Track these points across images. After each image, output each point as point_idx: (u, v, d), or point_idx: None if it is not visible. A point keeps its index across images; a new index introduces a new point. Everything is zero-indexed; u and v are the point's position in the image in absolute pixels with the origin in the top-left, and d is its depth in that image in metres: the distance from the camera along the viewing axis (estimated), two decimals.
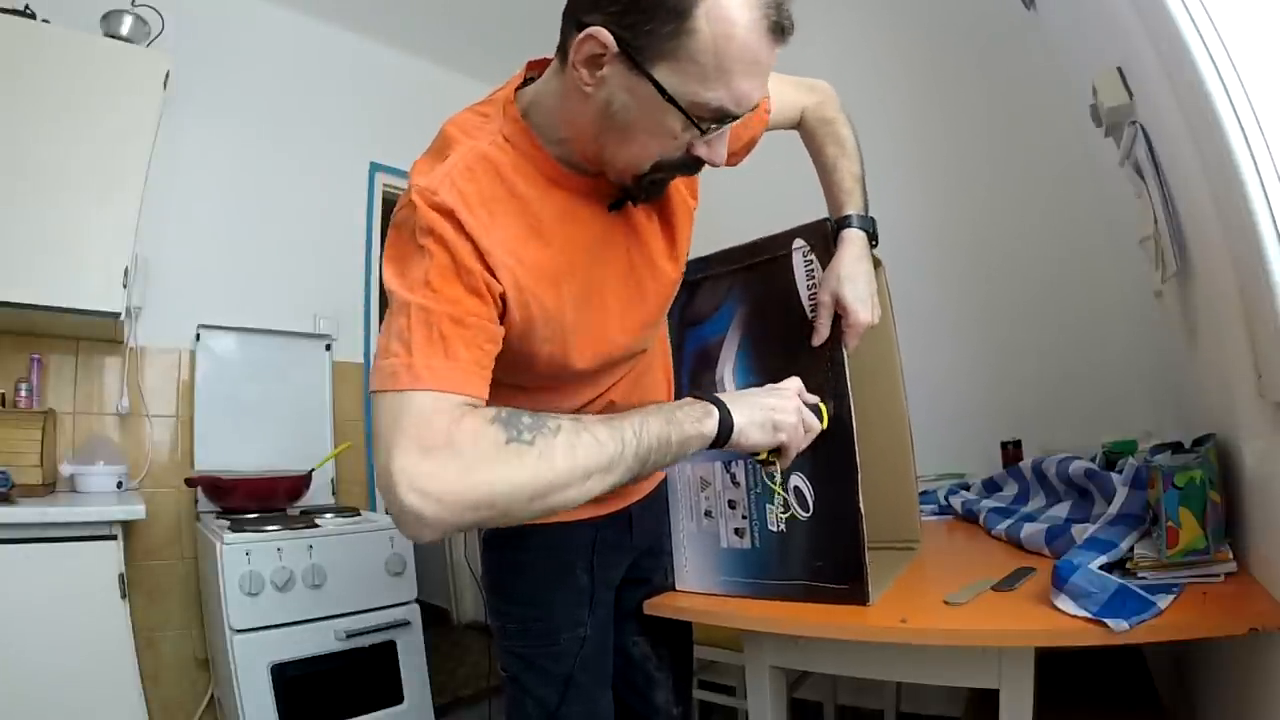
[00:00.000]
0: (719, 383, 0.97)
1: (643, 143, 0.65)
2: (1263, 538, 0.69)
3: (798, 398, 0.76)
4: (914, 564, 1.03)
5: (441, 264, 0.62)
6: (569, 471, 0.60)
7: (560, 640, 0.90)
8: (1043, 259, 1.81)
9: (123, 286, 1.81)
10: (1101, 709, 1.00)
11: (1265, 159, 0.56)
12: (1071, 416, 1.69)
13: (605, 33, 0.60)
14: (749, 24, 0.59)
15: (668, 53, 0.59)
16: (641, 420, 0.65)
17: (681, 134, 0.64)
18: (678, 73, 0.60)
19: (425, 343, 0.59)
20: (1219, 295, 0.72)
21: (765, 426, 0.71)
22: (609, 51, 0.60)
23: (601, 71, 0.62)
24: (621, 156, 0.67)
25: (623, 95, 0.63)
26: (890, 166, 2.12)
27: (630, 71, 0.61)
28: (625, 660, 1.03)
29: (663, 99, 0.61)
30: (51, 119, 1.74)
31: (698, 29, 0.58)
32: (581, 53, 0.61)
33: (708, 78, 0.60)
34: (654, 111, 0.62)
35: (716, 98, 0.61)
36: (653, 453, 0.65)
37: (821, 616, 0.80)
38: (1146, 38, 0.78)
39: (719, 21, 0.58)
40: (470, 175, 0.66)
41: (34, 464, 1.76)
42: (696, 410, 0.69)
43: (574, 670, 0.90)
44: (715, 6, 0.58)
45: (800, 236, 0.90)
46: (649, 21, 0.58)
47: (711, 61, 0.59)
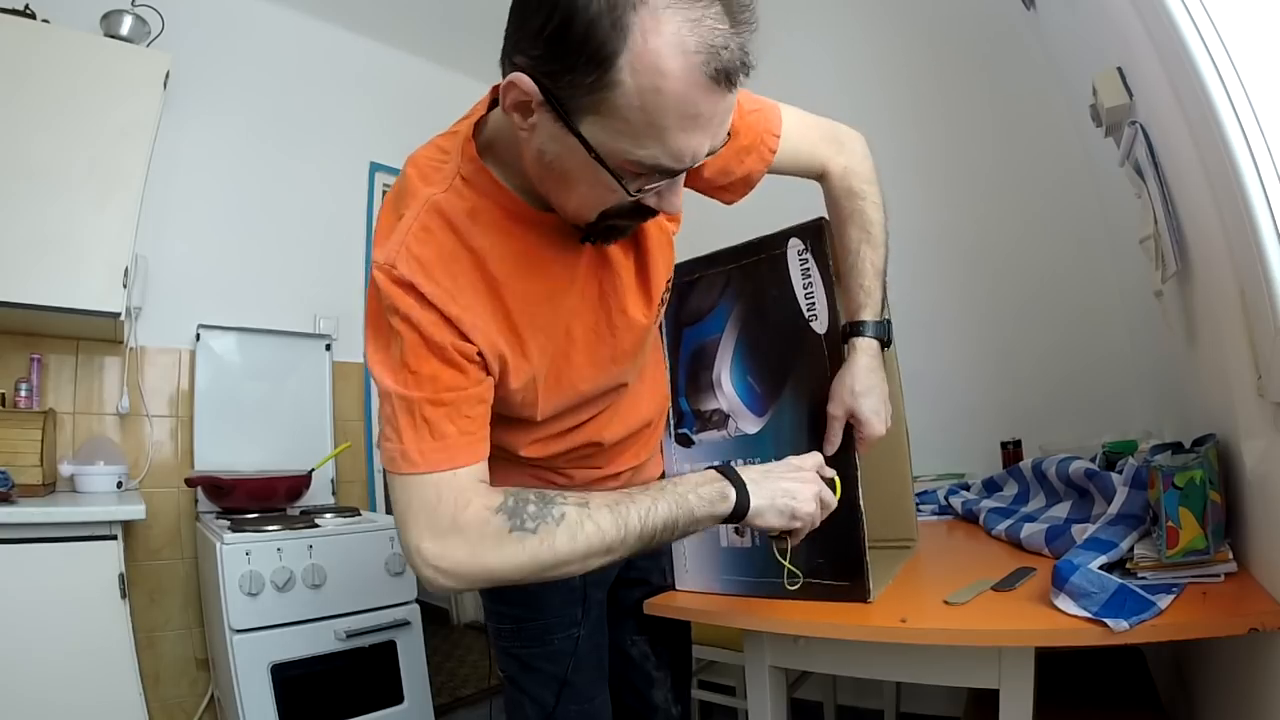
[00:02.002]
0: (716, 382, 0.97)
1: (582, 194, 0.61)
2: (1263, 538, 0.69)
3: (818, 480, 0.74)
4: (913, 563, 1.03)
5: (413, 343, 0.63)
6: (569, 555, 0.63)
7: (554, 641, 0.90)
8: (1043, 259, 1.81)
9: (123, 286, 1.81)
10: (1101, 709, 1.00)
11: (1265, 159, 0.56)
12: (1071, 416, 1.69)
13: (528, 80, 0.53)
14: (683, 74, 0.50)
15: (593, 106, 0.52)
16: (651, 504, 0.66)
17: (619, 189, 0.58)
18: (605, 128, 0.53)
19: (410, 429, 0.63)
20: (1219, 295, 0.72)
21: (783, 513, 0.70)
22: (534, 99, 0.55)
23: (531, 119, 0.57)
24: (566, 204, 0.64)
25: (553, 145, 0.58)
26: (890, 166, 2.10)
27: (556, 123, 0.55)
28: (624, 660, 1.02)
29: (590, 157, 0.55)
30: (51, 119, 1.74)
31: (622, 82, 0.50)
32: (509, 98, 0.56)
33: (639, 135, 0.53)
34: (586, 166, 0.56)
35: (651, 155, 0.54)
36: (658, 534, 0.66)
37: (822, 616, 0.80)
38: (1146, 38, 0.78)
39: (646, 73, 0.50)
40: (426, 236, 0.64)
41: (34, 464, 1.76)
42: (713, 491, 0.69)
43: (569, 670, 0.90)
44: (641, 56, 0.49)
45: (796, 236, 0.89)
46: (569, 71, 0.51)
47: (640, 118, 0.52)
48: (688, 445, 1.01)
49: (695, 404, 1.00)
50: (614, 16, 0.49)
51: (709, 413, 0.99)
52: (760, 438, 0.93)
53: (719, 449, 0.97)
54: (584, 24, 0.49)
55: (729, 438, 0.96)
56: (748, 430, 0.94)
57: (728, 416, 0.96)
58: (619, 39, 0.49)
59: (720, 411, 0.97)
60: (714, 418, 0.98)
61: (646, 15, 0.49)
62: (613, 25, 0.49)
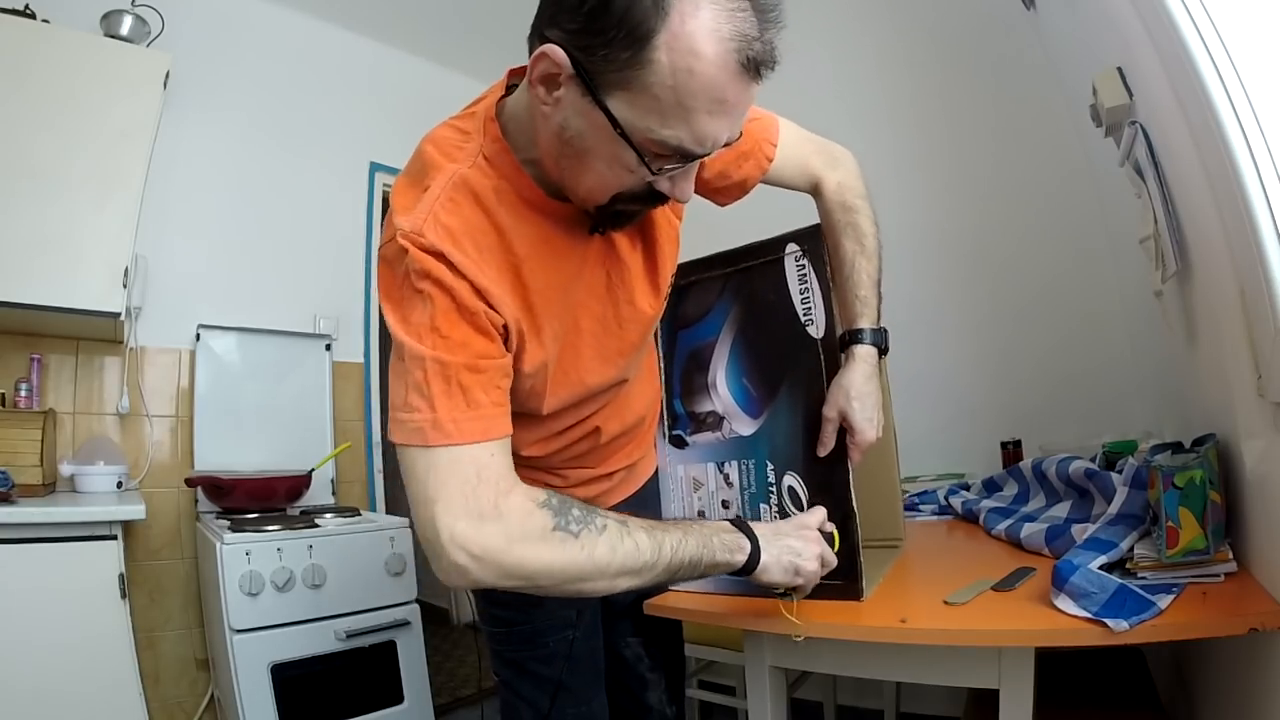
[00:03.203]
0: (711, 384, 0.97)
1: (599, 173, 0.61)
2: (1263, 538, 0.69)
3: (822, 539, 0.76)
4: (912, 563, 1.04)
5: (445, 308, 0.60)
6: (605, 568, 0.62)
7: (548, 643, 0.90)
8: (1043, 259, 1.81)
9: (123, 286, 1.81)
10: (1101, 709, 1.00)
11: (1265, 159, 0.56)
12: (1071, 417, 1.69)
13: (560, 52, 0.54)
14: (716, 58, 0.52)
15: (623, 82, 0.53)
16: (682, 538, 0.67)
17: (638, 168, 0.59)
18: (633, 105, 0.54)
19: (445, 395, 0.59)
20: (1219, 295, 0.72)
21: (788, 570, 0.73)
22: (564, 72, 0.55)
23: (558, 92, 0.57)
24: (580, 184, 0.64)
25: (577, 121, 0.58)
26: (890, 166, 2.12)
27: (584, 97, 0.56)
28: (618, 662, 1.02)
29: (615, 132, 0.56)
30: (51, 119, 1.74)
31: (657, 60, 0.52)
32: (537, 70, 0.57)
33: (666, 114, 0.54)
34: (608, 143, 0.57)
35: (675, 136, 0.55)
36: (682, 569, 0.67)
37: (821, 616, 0.80)
38: (1146, 38, 0.78)
39: (681, 54, 0.51)
40: (454, 207, 0.63)
41: (34, 464, 1.76)
42: (731, 541, 0.71)
43: (563, 673, 0.90)
44: (678, 37, 0.51)
45: (793, 241, 0.90)
46: (605, 46, 0.52)
47: (670, 97, 0.53)
48: (681, 446, 1.01)
49: (690, 406, 1.00)
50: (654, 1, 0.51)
51: (704, 414, 0.99)
52: (755, 440, 0.93)
53: (713, 451, 0.97)
54: (626, 1, 0.51)
55: (723, 439, 0.96)
56: (742, 432, 0.94)
57: (722, 419, 0.97)
58: (658, 18, 0.51)
59: (715, 413, 0.97)
60: (709, 419, 0.98)
61: (680, 4, 0.51)
62: (654, 4, 0.51)
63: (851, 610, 0.81)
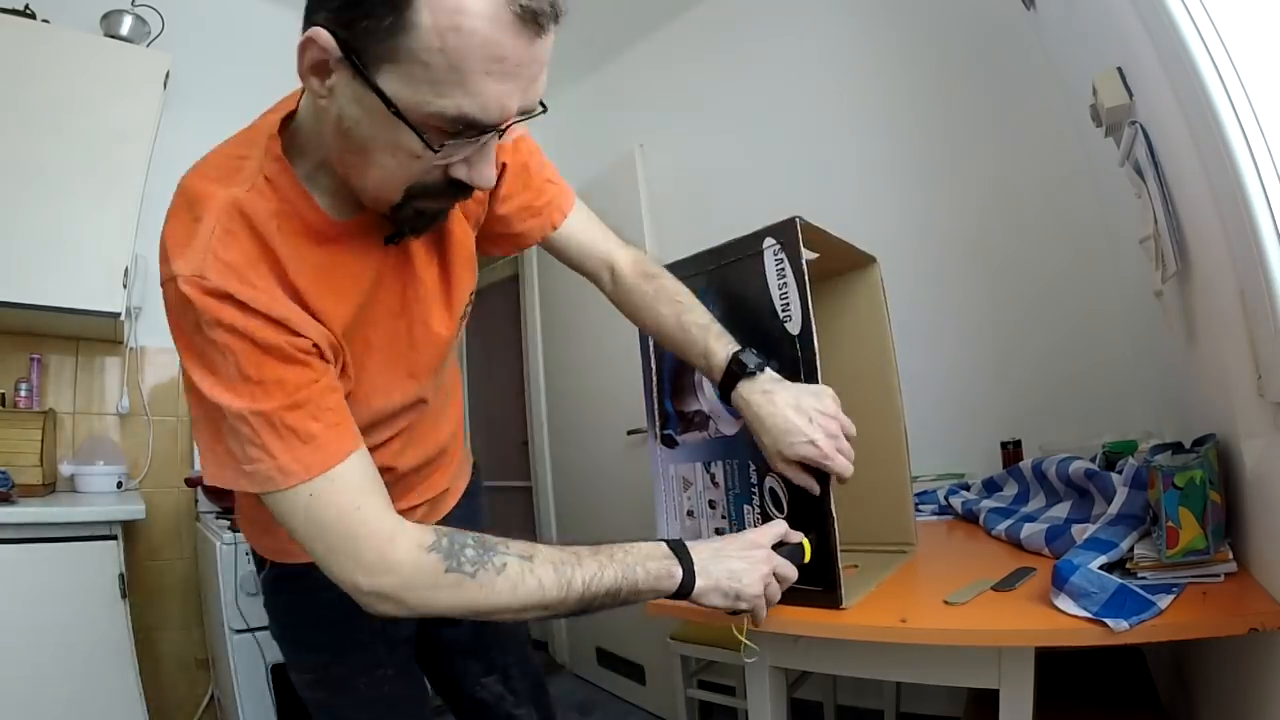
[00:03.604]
0: (697, 384, 0.97)
1: (383, 165, 0.56)
2: (1263, 538, 0.69)
3: (772, 559, 0.73)
4: (909, 566, 1.03)
5: (245, 352, 0.56)
6: (507, 604, 0.61)
7: (359, 685, 0.85)
8: (1043, 259, 1.81)
9: (123, 286, 1.81)
10: (1101, 709, 1.00)
11: (1265, 159, 0.55)
12: (1071, 417, 1.69)
13: (325, 34, 0.50)
14: (485, 11, 0.47)
15: (390, 54, 0.49)
16: (598, 570, 0.64)
17: (423, 152, 0.53)
18: (404, 78, 0.49)
19: (278, 440, 0.57)
20: (1219, 295, 0.72)
21: (728, 595, 0.70)
22: (331, 56, 0.51)
23: (329, 80, 0.53)
24: (367, 182, 0.59)
25: (352, 108, 0.53)
26: (890, 166, 2.13)
27: (354, 79, 0.51)
28: (478, 708, 0.97)
29: (390, 112, 0.51)
30: (51, 119, 1.74)
31: (420, 22, 0.47)
32: (306, 59, 0.52)
33: (439, 82, 0.49)
34: (387, 127, 0.52)
35: (454, 105, 0.50)
36: (598, 599, 0.64)
37: (821, 616, 0.80)
38: (1146, 38, 0.78)
39: (446, 11, 0.47)
40: (231, 239, 0.58)
41: (34, 464, 1.77)
42: (660, 568, 0.67)
43: (384, 714, 0.85)
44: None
45: (770, 235, 0.89)
46: (365, 17, 0.48)
47: (441, 61, 0.48)
48: (672, 446, 1.01)
49: (679, 405, 1.01)
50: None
51: (691, 414, 0.99)
52: (738, 440, 0.92)
53: (700, 450, 0.98)
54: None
55: (709, 439, 0.97)
56: (726, 432, 0.94)
57: (708, 418, 0.97)
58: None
59: (701, 413, 0.98)
60: (696, 419, 0.99)
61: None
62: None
63: (852, 610, 0.81)
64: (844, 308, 1.15)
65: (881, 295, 1.13)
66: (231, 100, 2.37)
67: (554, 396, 3.14)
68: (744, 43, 2.55)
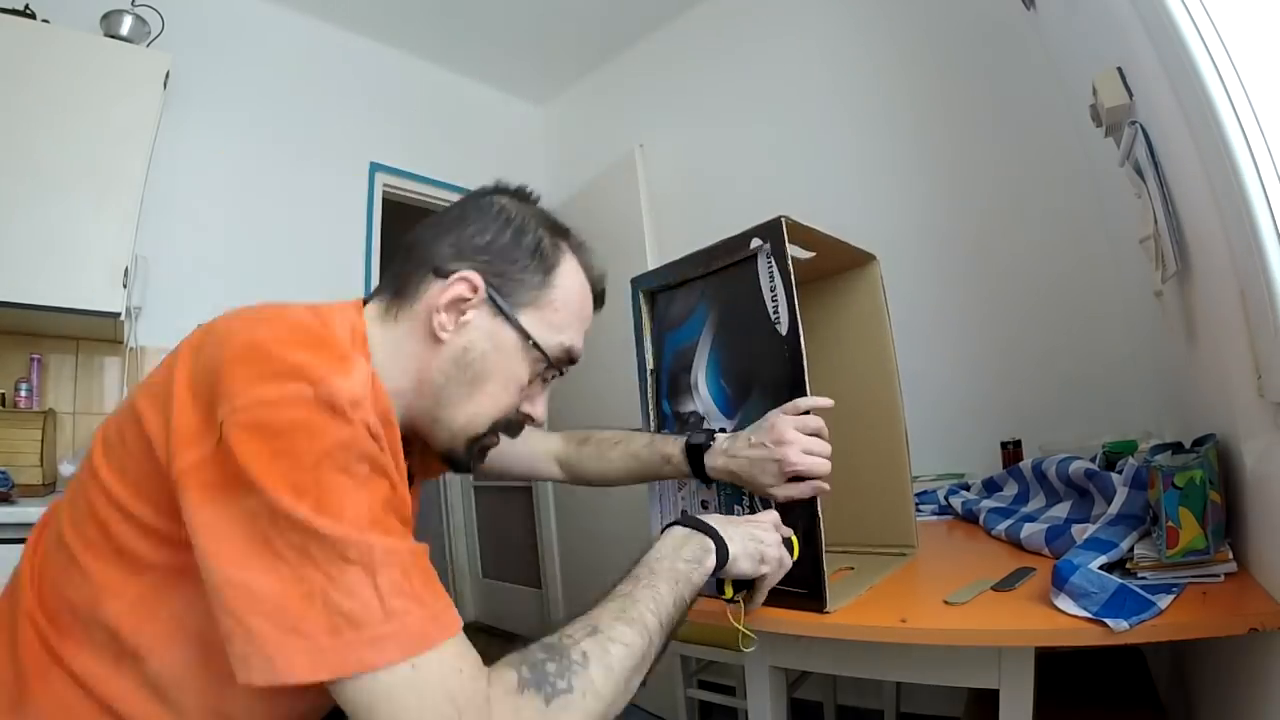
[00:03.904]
0: (693, 385, 0.98)
1: (491, 394, 0.66)
2: (1263, 538, 0.69)
3: (775, 531, 0.77)
4: (909, 566, 1.02)
5: (384, 498, 0.50)
6: (615, 691, 0.54)
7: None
8: (1043, 259, 1.81)
9: (123, 286, 1.81)
10: (1101, 709, 1.00)
11: (1265, 159, 0.55)
12: (1071, 416, 1.69)
13: (479, 277, 0.63)
14: (587, 286, 0.72)
15: (533, 301, 0.66)
16: (652, 594, 0.61)
17: (527, 385, 0.68)
18: (539, 320, 0.66)
19: (428, 585, 0.49)
20: (1219, 295, 0.72)
21: (754, 557, 0.73)
22: (478, 296, 0.63)
23: (465, 316, 0.64)
24: (464, 411, 0.65)
25: (483, 342, 0.64)
26: (890, 166, 2.13)
27: (495, 317, 0.65)
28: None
29: (525, 342, 0.65)
30: (51, 119, 1.74)
31: (559, 284, 0.67)
32: (447, 295, 0.63)
33: (563, 325, 0.68)
34: (510, 358, 0.65)
35: (570, 339, 0.69)
36: (675, 619, 0.62)
37: (821, 616, 0.80)
38: (1146, 38, 0.78)
39: (573, 278, 0.69)
40: (377, 394, 0.53)
41: (34, 464, 1.76)
42: (696, 549, 0.68)
43: None
44: (571, 269, 0.69)
45: (758, 235, 0.89)
46: (522, 271, 0.66)
47: (566, 310, 0.68)
48: None
49: (675, 406, 1.01)
50: (550, 238, 0.69)
51: (687, 415, 1.00)
52: None
53: None
54: (534, 239, 0.67)
55: None
56: None
57: (703, 419, 0.97)
58: (558, 253, 0.69)
59: (696, 414, 0.98)
60: (690, 420, 0.99)
61: (566, 242, 0.71)
62: (552, 244, 0.68)
63: (852, 610, 0.81)
64: (844, 306, 1.15)
65: (881, 293, 1.12)
66: (232, 100, 2.39)
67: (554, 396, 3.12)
68: (744, 42, 2.55)
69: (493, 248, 0.65)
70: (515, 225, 0.67)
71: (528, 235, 0.67)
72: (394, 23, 2.76)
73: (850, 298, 1.15)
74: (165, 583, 0.52)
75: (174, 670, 0.52)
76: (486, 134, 3.23)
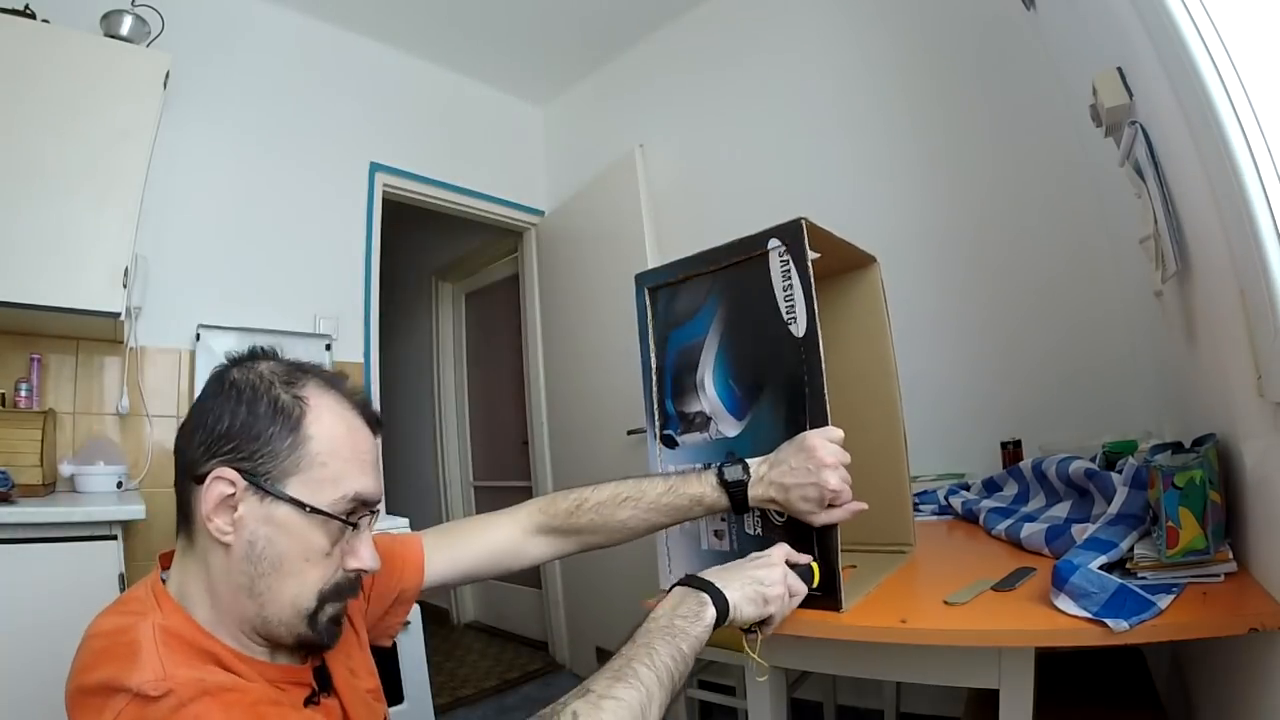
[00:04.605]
0: (699, 384, 0.97)
1: (298, 571, 0.62)
2: (1263, 538, 0.69)
3: (784, 565, 0.75)
4: (909, 566, 1.03)
5: None
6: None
7: None
8: (1043, 259, 1.81)
9: (123, 286, 1.81)
10: (1101, 709, 1.00)
11: (1265, 159, 0.55)
12: (1071, 416, 1.69)
13: (231, 470, 0.59)
14: (350, 415, 0.65)
15: (294, 466, 0.61)
16: (648, 653, 0.62)
17: (332, 548, 0.63)
18: (308, 483, 0.61)
19: None
20: (1219, 295, 0.72)
21: (756, 601, 0.71)
22: (238, 488, 0.59)
23: (237, 513, 0.60)
24: (283, 597, 0.61)
25: (264, 528, 0.60)
26: (890, 166, 2.13)
27: (264, 500, 0.60)
28: None
29: (304, 512, 0.60)
30: (51, 119, 1.74)
31: (314, 434, 0.62)
32: (211, 499, 0.59)
33: (338, 478, 0.62)
34: (298, 533, 0.61)
35: (351, 487, 0.63)
36: (675, 672, 0.63)
37: (820, 616, 0.80)
38: (1146, 38, 0.78)
39: (328, 421, 0.63)
40: (177, 647, 0.55)
41: (34, 464, 1.76)
42: (692, 607, 0.68)
43: None
44: (322, 411, 0.63)
45: (775, 236, 0.88)
46: (267, 444, 0.61)
47: (332, 461, 0.62)
48: (672, 446, 1.01)
49: (680, 406, 1.00)
50: (287, 391, 0.63)
51: (692, 414, 0.99)
52: (739, 441, 0.92)
53: (701, 451, 0.97)
54: (269, 402, 0.62)
55: (710, 440, 0.96)
56: (728, 433, 0.94)
57: (710, 419, 0.96)
58: (300, 403, 0.63)
59: (703, 414, 0.97)
60: (697, 419, 0.98)
61: (306, 386, 0.64)
62: (291, 398, 0.63)
63: (852, 611, 0.81)
64: (844, 307, 1.15)
65: (881, 295, 1.13)
66: (232, 100, 2.39)
67: (554, 396, 3.14)
68: (744, 43, 2.55)
69: (233, 430, 0.61)
70: (246, 397, 0.62)
71: (261, 402, 0.62)
72: (395, 23, 2.76)
73: (850, 299, 1.15)
74: None
75: None
76: (487, 134, 3.23)
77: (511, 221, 3.27)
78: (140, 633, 0.55)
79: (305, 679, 0.67)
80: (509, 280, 3.61)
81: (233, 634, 0.62)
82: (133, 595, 0.63)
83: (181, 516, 0.64)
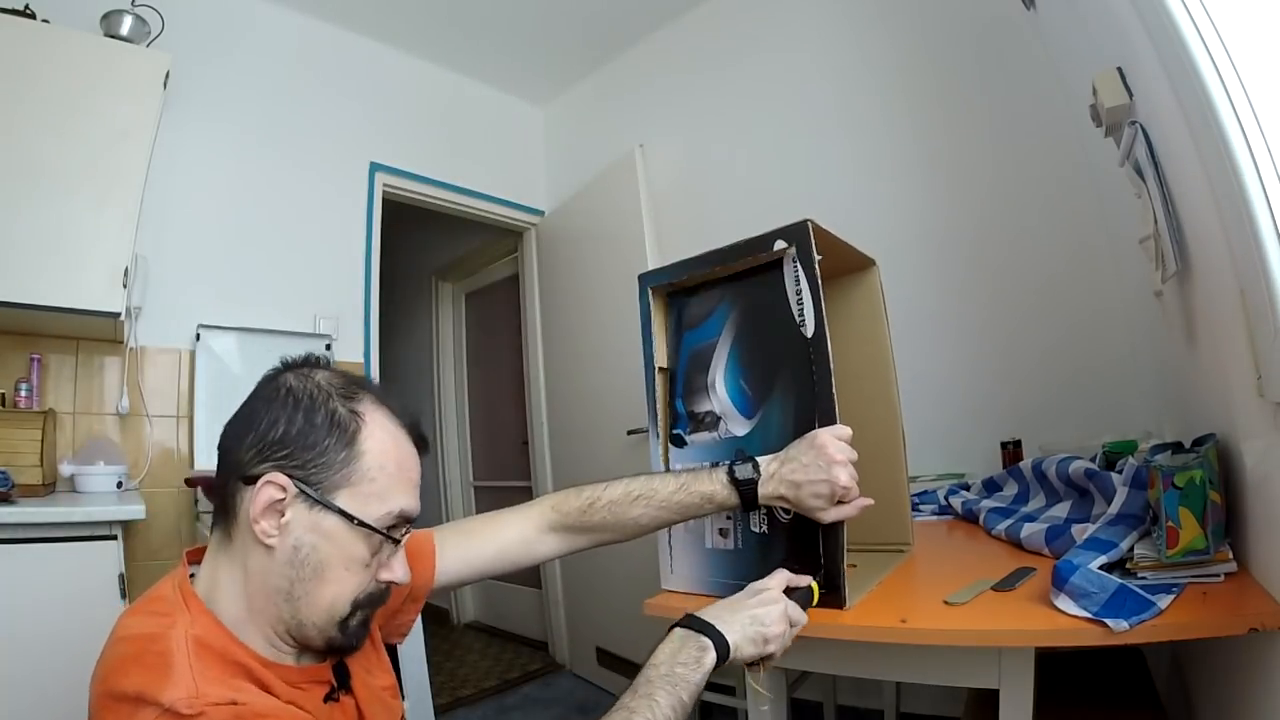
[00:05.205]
0: (710, 385, 0.98)
1: (337, 579, 0.63)
2: (1263, 538, 0.69)
3: (783, 599, 0.75)
4: (906, 565, 1.03)
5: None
6: None
7: None
8: (1043, 259, 1.81)
9: (123, 286, 1.81)
10: (1101, 709, 1.00)
11: (1265, 159, 0.55)
12: (1071, 416, 1.69)
13: (283, 476, 0.61)
14: (400, 437, 0.67)
15: (345, 479, 0.63)
16: (649, 703, 0.63)
17: (371, 560, 0.65)
18: (357, 497, 0.63)
19: None
20: (1219, 295, 0.72)
21: (756, 641, 0.72)
22: (288, 494, 0.61)
23: (285, 518, 0.61)
24: (320, 603, 0.63)
25: (309, 535, 0.62)
26: (890, 166, 2.12)
27: (313, 508, 0.62)
28: None
29: (350, 524, 0.62)
30: (51, 119, 1.73)
31: (367, 449, 0.64)
32: (260, 502, 0.60)
33: (385, 494, 0.64)
34: (342, 543, 0.62)
35: (397, 504, 0.65)
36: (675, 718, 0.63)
37: (820, 617, 0.80)
38: (1146, 38, 0.78)
39: (381, 438, 0.65)
40: (209, 659, 0.57)
41: (34, 464, 1.76)
42: (692, 653, 0.68)
43: None
44: (376, 427, 0.65)
45: (782, 238, 0.89)
46: (322, 455, 0.62)
47: (381, 477, 0.64)
48: (680, 445, 1.02)
49: (690, 405, 1.01)
50: (345, 405, 0.64)
51: (702, 414, 0.99)
52: (747, 440, 0.93)
53: (709, 450, 0.98)
54: (327, 414, 0.63)
55: (719, 440, 0.97)
56: (737, 432, 0.95)
57: (719, 418, 0.97)
58: (357, 419, 0.64)
59: (712, 413, 0.98)
60: (706, 419, 0.99)
61: (363, 402, 0.66)
62: (348, 412, 0.64)
63: (852, 611, 0.81)
64: (844, 309, 1.15)
65: (880, 298, 1.13)
66: (231, 100, 2.39)
67: (554, 396, 3.14)
68: (744, 43, 2.55)
69: (289, 438, 0.62)
70: (304, 406, 0.63)
71: (319, 413, 0.63)
72: (394, 22, 2.76)
73: (850, 301, 1.15)
74: None
75: None
76: (487, 134, 3.23)
77: (511, 221, 3.27)
78: (173, 642, 0.56)
79: (325, 677, 0.68)
80: (509, 280, 3.61)
81: (262, 634, 0.63)
82: (159, 594, 0.65)
83: (221, 513, 0.65)
